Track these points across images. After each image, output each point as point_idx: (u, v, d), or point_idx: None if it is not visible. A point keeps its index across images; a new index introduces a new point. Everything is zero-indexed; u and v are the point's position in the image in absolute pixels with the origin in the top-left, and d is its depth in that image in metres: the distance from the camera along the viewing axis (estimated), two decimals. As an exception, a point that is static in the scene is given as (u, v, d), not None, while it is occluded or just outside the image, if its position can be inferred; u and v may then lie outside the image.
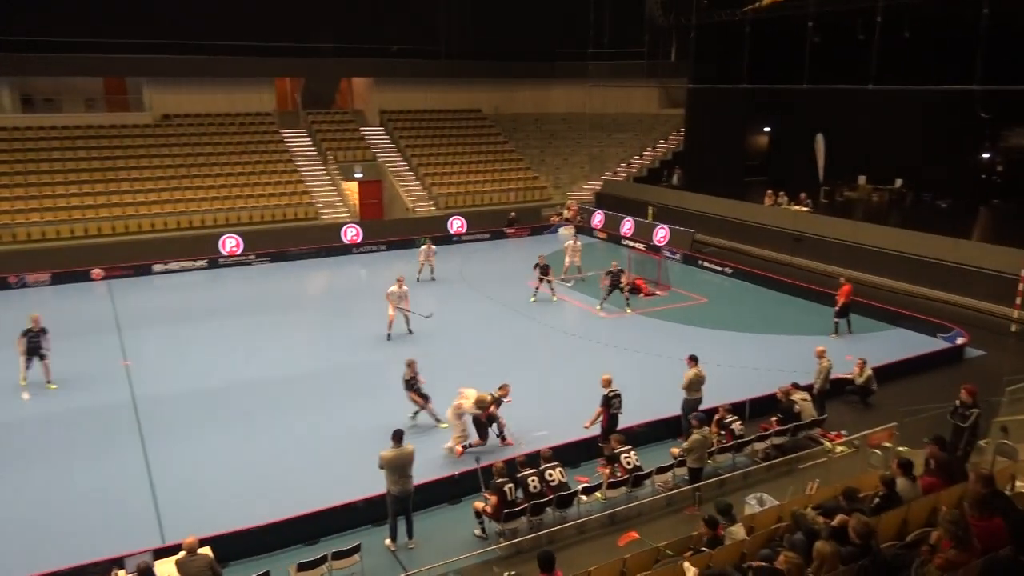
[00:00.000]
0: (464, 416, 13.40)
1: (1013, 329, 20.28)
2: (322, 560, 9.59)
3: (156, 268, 27.12)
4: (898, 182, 32.53)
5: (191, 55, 33.57)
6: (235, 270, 27.99)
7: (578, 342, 19.67)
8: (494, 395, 13.49)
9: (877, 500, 8.62)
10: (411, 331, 19.89)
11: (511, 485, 10.80)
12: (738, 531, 8.69)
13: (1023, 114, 27.09)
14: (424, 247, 25.96)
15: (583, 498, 11.39)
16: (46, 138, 31.28)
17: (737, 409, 13.57)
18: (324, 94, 38.87)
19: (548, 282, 23.22)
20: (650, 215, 32.38)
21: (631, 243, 30.34)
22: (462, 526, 11.30)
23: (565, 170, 39.87)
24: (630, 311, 21.94)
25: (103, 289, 25.20)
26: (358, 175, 35.31)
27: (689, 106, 36.47)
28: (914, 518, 8.35)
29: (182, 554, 8.65)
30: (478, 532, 11.02)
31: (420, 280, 25.33)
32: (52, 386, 16.67)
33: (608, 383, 13.17)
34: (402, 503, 10.73)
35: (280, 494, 12.12)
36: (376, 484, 11.06)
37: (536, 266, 23.33)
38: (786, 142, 37.22)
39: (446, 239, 32.19)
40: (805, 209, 28.72)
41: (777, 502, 10.30)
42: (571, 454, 12.94)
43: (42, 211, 28.03)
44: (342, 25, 35.94)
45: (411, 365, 14.63)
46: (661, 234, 30.41)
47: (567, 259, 25.47)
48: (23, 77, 32.26)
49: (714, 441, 12.64)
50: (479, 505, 10.94)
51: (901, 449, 11.78)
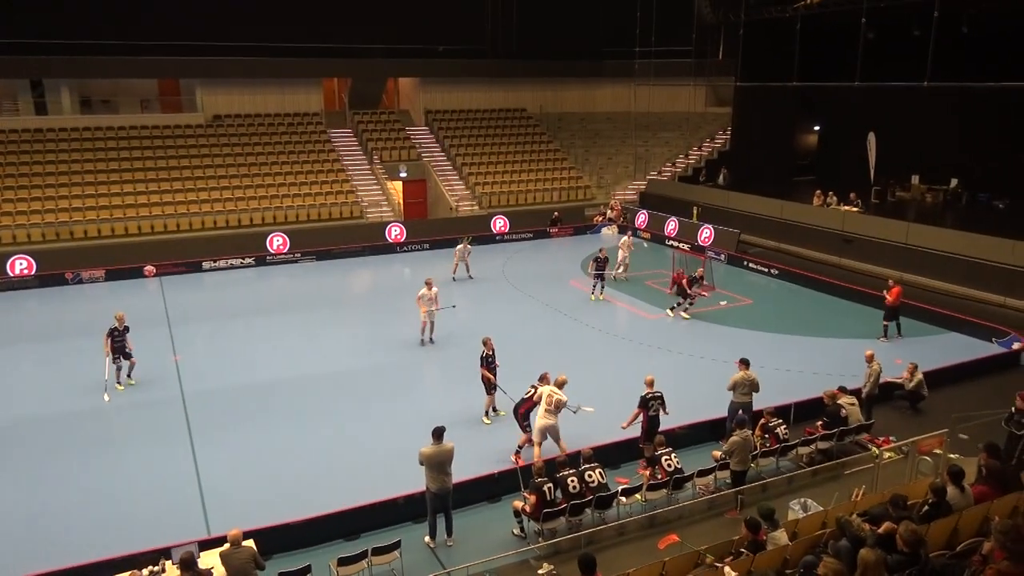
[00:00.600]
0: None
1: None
2: (362, 555, 9.67)
3: (206, 265, 27.73)
4: (953, 182, 31.58)
5: (241, 56, 34.25)
6: (282, 268, 28.47)
7: (620, 342, 19.54)
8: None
9: (926, 508, 8.40)
10: (433, 340, 19.36)
11: (550, 485, 10.77)
12: (781, 536, 8.55)
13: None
14: (460, 246, 26.09)
15: (623, 500, 11.30)
16: (103, 138, 32.26)
17: (782, 412, 13.34)
18: (371, 94, 39.30)
19: (600, 277, 23.30)
20: (695, 215, 32.02)
21: (675, 243, 30.04)
22: (501, 525, 11.31)
23: (609, 169, 39.66)
24: (672, 314, 21.70)
25: (155, 285, 25.86)
26: (403, 174, 35.62)
27: (736, 104, 35.97)
28: (965, 527, 8.12)
29: (226, 546, 8.81)
30: (517, 531, 11.02)
31: (456, 279, 25.60)
32: (130, 382, 16.77)
33: (651, 384, 13.05)
34: (441, 500, 10.76)
35: (322, 489, 12.29)
36: (416, 481, 11.14)
37: (595, 259, 23.44)
38: (836, 141, 36.46)
39: (489, 238, 32.31)
40: (855, 209, 28.10)
41: (821, 508, 10.09)
42: (612, 455, 12.85)
43: (98, 209, 28.87)
44: (389, 26, 36.29)
45: (487, 343, 14.94)
46: (706, 234, 30.07)
47: (620, 254, 25.46)
48: (81, 80, 33.32)
49: (756, 444, 12.44)
50: (518, 504, 10.94)
51: (952, 456, 11.44)
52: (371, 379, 17.29)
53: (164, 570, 9.36)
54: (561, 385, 12.70)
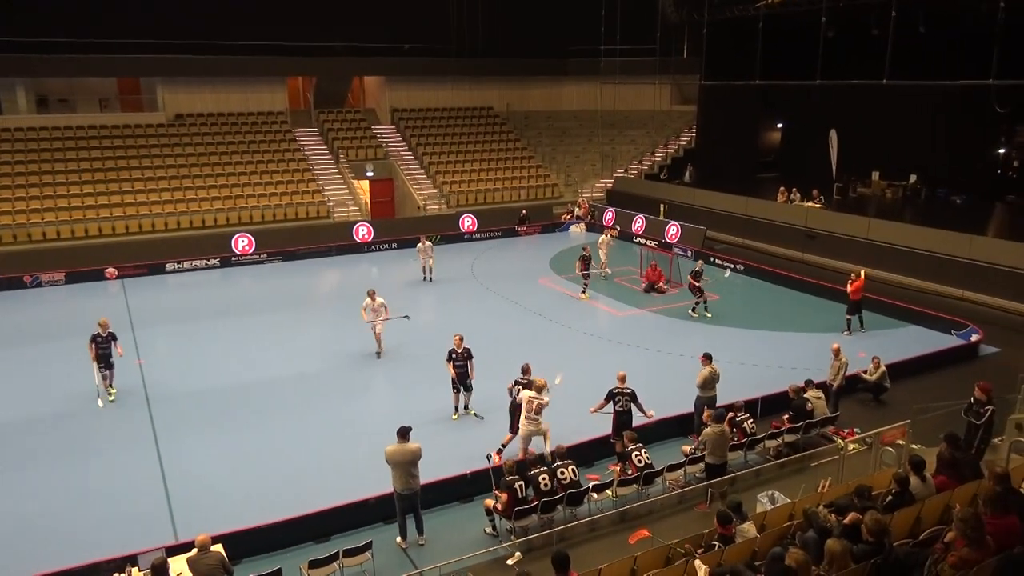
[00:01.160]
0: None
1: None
2: (333, 557, 9.61)
3: (169, 267, 27.30)
4: (912, 178, 32.26)
5: (204, 55, 33.70)
6: (247, 269, 28.14)
7: (589, 339, 19.64)
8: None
9: (890, 498, 8.57)
10: (379, 354, 18.39)
11: (522, 483, 10.80)
12: (749, 529, 8.66)
13: (1040, 109, 26.80)
14: (420, 245, 25.54)
15: (594, 496, 11.37)
16: (60, 138, 31.54)
17: (748, 407, 13.50)
18: (336, 93, 38.95)
19: (586, 275, 23.33)
20: (662, 212, 32.28)
21: (642, 240, 30.24)
22: (474, 524, 11.31)
23: (576, 167, 39.81)
24: (695, 315, 21.53)
25: (117, 288, 25.39)
26: (369, 174, 35.41)
27: (701, 103, 36.33)
28: (928, 516, 8.30)
29: (194, 552, 8.69)
30: (488, 530, 11.03)
31: (427, 280, 25.36)
32: (112, 391, 16.13)
33: (622, 380, 13.08)
34: (407, 500, 10.69)
35: (292, 492, 12.18)
36: (387, 482, 11.09)
37: (581, 259, 23.38)
38: (799, 138, 37.01)
39: (457, 237, 32.26)
40: (818, 205, 28.56)
41: (789, 500, 10.25)
42: (585, 453, 12.91)
43: (56, 211, 28.26)
44: (354, 24, 35.98)
45: (456, 340, 14.93)
46: (672, 231, 30.32)
47: (601, 254, 25.28)
48: (37, 78, 32.53)
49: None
50: (490, 503, 10.95)
51: (914, 447, 11.69)
52: (338, 380, 17.17)
53: (131, 577, 9.22)
54: (540, 389, 12.57)
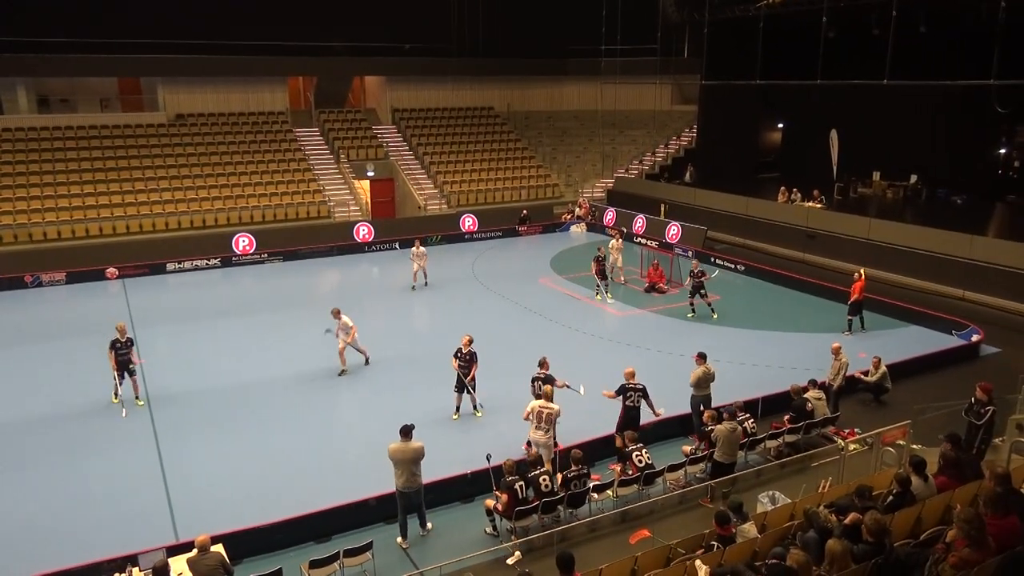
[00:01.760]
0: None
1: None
2: (334, 557, 9.60)
3: (170, 267, 27.29)
4: (913, 178, 32.27)
5: (204, 55, 33.69)
6: (248, 269, 28.13)
7: (589, 339, 19.63)
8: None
9: (891, 498, 8.56)
10: (344, 371, 17.35)
11: (522, 483, 10.79)
12: (750, 529, 8.66)
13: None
14: (414, 248, 24.57)
15: (595, 496, 11.37)
16: (61, 138, 31.56)
17: (749, 407, 13.49)
18: (336, 93, 38.96)
19: (602, 277, 23.15)
20: (662, 212, 32.27)
21: (643, 240, 30.23)
22: (474, 524, 11.31)
23: (577, 167, 39.81)
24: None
25: (117, 288, 25.39)
26: (370, 173, 35.41)
27: (702, 102, 36.34)
28: (928, 516, 8.29)
29: (194, 552, 8.69)
30: (489, 530, 11.03)
31: (416, 288, 24.39)
32: (140, 404, 15.71)
33: (631, 376, 13.08)
34: (408, 498, 10.70)
35: (292, 491, 12.18)
36: (387, 482, 11.09)
37: (596, 259, 23.19)
38: (800, 138, 37.00)
39: (458, 237, 32.27)
40: (819, 206, 28.56)
41: (789, 500, 10.24)
42: (585, 452, 12.86)
43: (57, 211, 28.27)
44: (354, 24, 35.99)
45: (464, 341, 14.80)
46: (673, 231, 30.32)
47: (611, 260, 24.45)
48: (38, 78, 32.55)
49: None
50: (490, 503, 10.94)
51: (915, 447, 11.69)
52: (339, 380, 17.15)
53: (131, 577, 9.22)
54: (550, 397, 12.42)
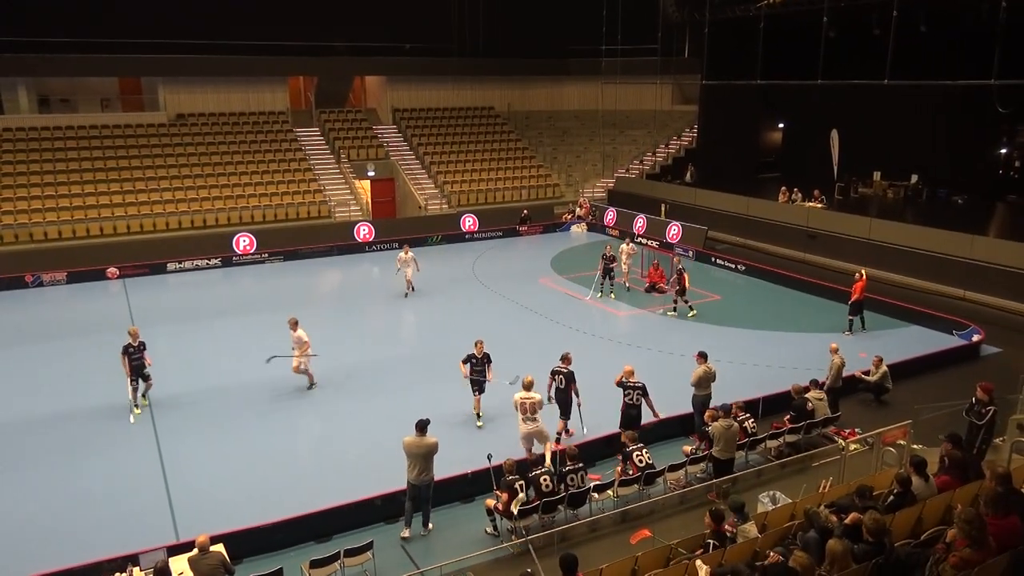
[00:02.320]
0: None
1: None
2: (335, 557, 9.60)
3: (170, 267, 27.30)
4: (914, 178, 32.27)
5: (205, 55, 33.72)
6: (248, 268, 28.14)
7: (590, 339, 19.61)
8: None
9: (891, 498, 8.56)
10: (313, 385, 16.56)
11: (522, 483, 10.79)
12: (750, 529, 8.65)
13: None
14: (400, 255, 23.60)
15: (595, 496, 11.36)
16: (62, 138, 31.58)
17: (750, 407, 13.50)
18: (337, 93, 38.97)
19: (607, 276, 23.02)
20: (663, 212, 32.27)
21: (643, 240, 30.24)
22: (474, 524, 11.31)
23: (578, 167, 39.81)
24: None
25: (118, 287, 25.40)
26: (371, 173, 35.41)
27: (702, 102, 36.33)
28: (929, 516, 8.29)
29: (194, 552, 8.70)
30: (489, 530, 11.02)
31: (409, 295, 23.58)
32: (144, 403, 15.57)
33: (630, 374, 13.15)
34: (417, 491, 10.87)
35: (293, 491, 12.18)
36: (388, 481, 11.10)
37: (603, 256, 22.99)
38: (800, 138, 36.99)
39: (458, 237, 32.28)
40: (819, 206, 28.55)
41: (790, 500, 10.24)
42: (586, 452, 12.89)
43: (58, 210, 28.29)
44: (355, 24, 36.00)
45: (477, 345, 14.64)
46: (673, 231, 30.31)
47: (623, 266, 23.82)
48: (39, 78, 32.56)
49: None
50: (491, 503, 10.94)
51: (915, 447, 11.68)
52: (340, 379, 17.15)
53: (132, 576, 9.22)
54: (529, 387, 12.57)
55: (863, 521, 7.16)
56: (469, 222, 33.22)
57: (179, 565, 9.05)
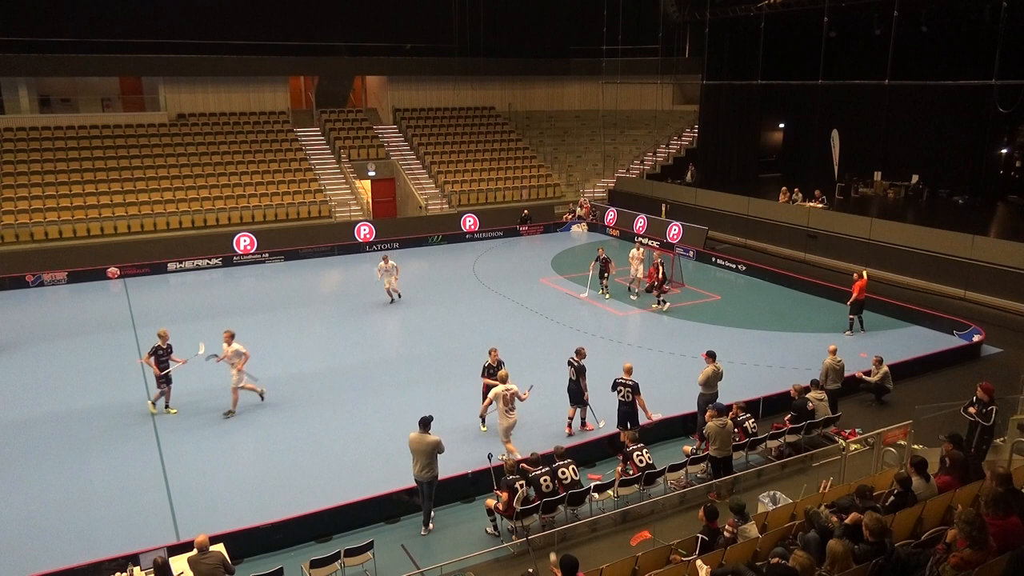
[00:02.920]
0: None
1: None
2: (335, 557, 9.60)
3: (171, 266, 27.33)
4: (914, 178, 32.24)
5: (206, 54, 33.73)
6: (249, 268, 28.16)
7: (590, 339, 19.57)
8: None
9: (892, 498, 8.55)
10: (232, 412, 15.24)
11: (523, 482, 10.79)
12: (751, 529, 8.65)
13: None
14: (380, 263, 22.56)
15: (595, 496, 11.36)
16: (63, 138, 31.59)
17: (750, 407, 13.50)
18: (338, 93, 38.96)
19: (605, 278, 22.92)
20: (663, 212, 32.26)
21: (644, 240, 30.22)
22: (474, 523, 11.32)
23: (578, 167, 39.80)
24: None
25: (119, 287, 25.41)
26: (371, 173, 35.42)
27: (703, 103, 36.30)
28: (929, 516, 8.28)
29: (194, 552, 8.70)
30: (490, 530, 11.03)
31: (394, 302, 22.84)
32: (172, 411, 15.38)
33: (628, 372, 13.23)
34: (420, 487, 11.09)
35: (293, 491, 12.19)
36: (387, 482, 11.09)
37: (597, 259, 22.97)
38: (801, 138, 37.02)
39: (459, 237, 32.29)
40: (820, 206, 28.53)
41: (790, 500, 10.24)
42: (586, 453, 12.92)
43: (59, 210, 28.29)
44: (356, 24, 36.03)
45: (492, 353, 14.22)
46: (674, 231, 30.31)
47: (632, 270, 23.35)
48: (40, 78, 32.56)
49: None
50: (491, 503, 10.94)
51: (916, 447, 11.68)
52: (340, 380, 17.16)
53: (132, 576, 9.23)
54: (504, 379, 12.96)
55: (864, 521, 7.15)
56: (470, 222, 33.23)
57: (180, 565, 9.06)
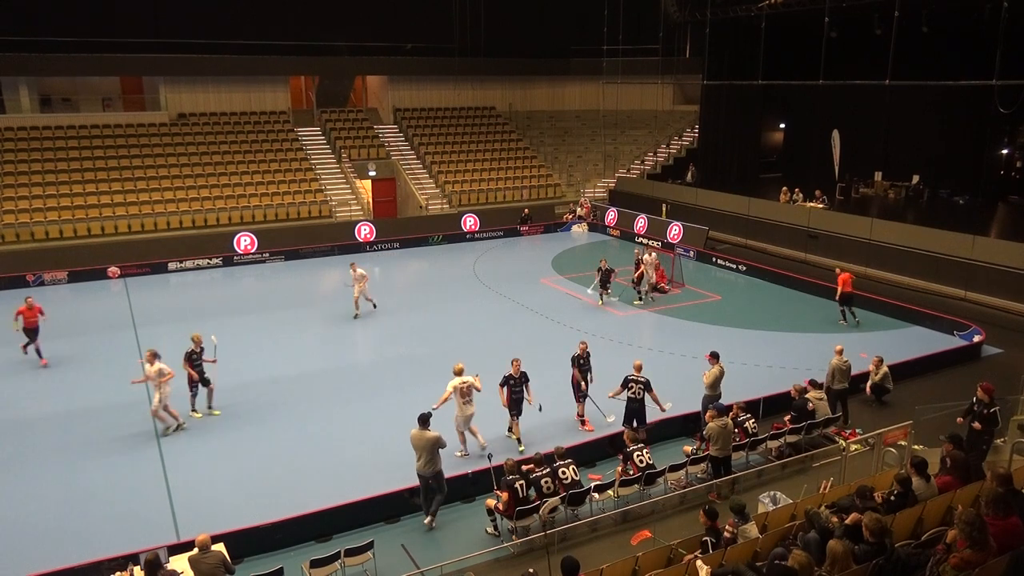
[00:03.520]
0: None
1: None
2: (335, 557, 9.60)
3: (171, 266, 27.34)
4: (915, 178, 32.23)
5: (207, 54, 33.75)
6: (249, 268, 28.16)
7: (590, 339, 19.49)
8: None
9: (892, 499, 8.55)
10: (166, 432, 14.45)
11: (523, 482, 10.79)
12: (751, 529, 8.65)
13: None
14: (350, 272, 21.45)
15: (595, 496, 11.36)
16: (63, 137, 31.60)
17: (750, 407, 13.49)
18: (338, 93, 38.96)
19: (606, 285, 22.45)
20: (664, 212, 32.26)
21: (644, 240, 30.24)
22: (475, 524, 11.32)
23: (579, 167, 39.80)
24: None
25: (119, 287, 25.42)
26: (372, 173, 35.41)
27: (703, 103, 36.27)
28: (930, 517, 8.28)
29: (195, 551, 8.70)
30: (490, 530, 11.03)
31: (360, 316, 21.44)
32: (207, 414, 15.21)
33: (638, 369, 13.31)
34: (425, 481, 11.21)
35: (293, 491, 12.19)
36: (388, 482, 11.08)
37: (599, 269, 22.46)
38: (801, 138, 36.99)
39: (459, 237, 32.29)
40: (820, 206, 28.52)
41: (791, 500, 10.23)
42: (586, 453, 12.92)
43: (59, 210, 28.29)
44: (356, 23, 36.02)
45: (514, 364, 13.51)
46: (675, 231, 30.31)
47: (645, 276, 22.78)
48: (41, 77, 32.56)
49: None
50: (491, 503, 10.94)
51: (916, 447, 11.67)
52: (340, 380, 17.16)
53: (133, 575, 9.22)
54: (460, 372, 13.07)
55: (863, 521, 7.15)
56: (470, 222, 33.23)
57: (180, 564, 9.06)
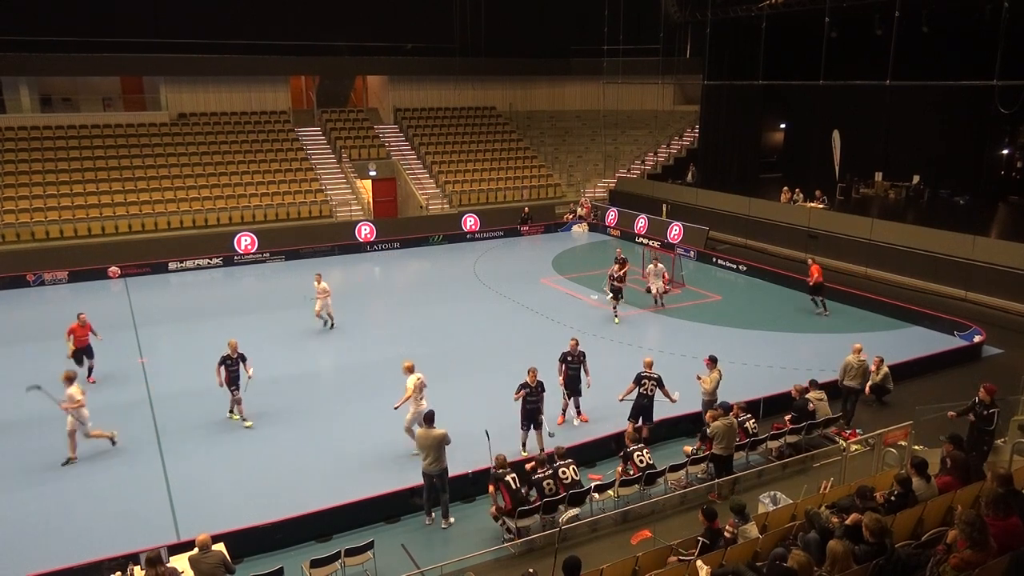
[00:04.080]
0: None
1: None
2: (335, 557, 9.61)
3: (172, 266, 27.34)
4: (915, 178, 32.23)
5: (207, 54, 33.75)
6: (250, 268, 28.17)
7: (591, 339, 19.56)
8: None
9: (892, 499, 8.55)
10: (72, 459, 13.37)
11: (514, 475, 10.74)
12: (751, 530, 8.65)
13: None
14: (314, 284, 20.50)
15: (596, 496, 11.36)
16: (64, 137, 31.60)
17: (751, 407, 13.49)
18: (339, 92, 38.98)
19: (617, 295, 21.34)
20: (664, 212, 32.26)
21: (644, 240, 30.24)
22: (475, 524, 11.32)
23: (579, 167, 39.80)
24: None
25: (119, 287, 25.43)
26: (372, 173, 35.42)
27: (704, 103, 36.27)
28: (930, 517, 8.28)
29: (195, 551, 8.70)
30: (507, 535, 10.74)
31: (328, 327, 20.70)
32: (239, 420, 14.96)
33: (649, 366, 13.38)
34: (430, 479, 11.28)
35: (293, 491, 12.19)
36: (388, 482, 11.07)
37: (610, 276, 21.45)
38: (802, 138, 36.98)
39: (460, 236, 32.29)
40: (821, 206, 28.52)
41: (791, 501, 10.23)
42: (586, 453, 12.92)
43: (59, 209, 28.30)
44: (357, 23, 36.03)
45: (531, 373, 13.22)
46: (675, 231, 30.30)
47: (652, 285, 22.26)
48: (41, 77, 32.56)
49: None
50: (492, 511, 10.85)
51: (917, 448, 11.68)
52: (340, 380, 17.17)
53: (132, 575, 9.22)
54: (412, 370, 13.22)
55: (864, 522, 7.15)
56: (470, 222, 33.23)
57: (180, 564, 9.06)
